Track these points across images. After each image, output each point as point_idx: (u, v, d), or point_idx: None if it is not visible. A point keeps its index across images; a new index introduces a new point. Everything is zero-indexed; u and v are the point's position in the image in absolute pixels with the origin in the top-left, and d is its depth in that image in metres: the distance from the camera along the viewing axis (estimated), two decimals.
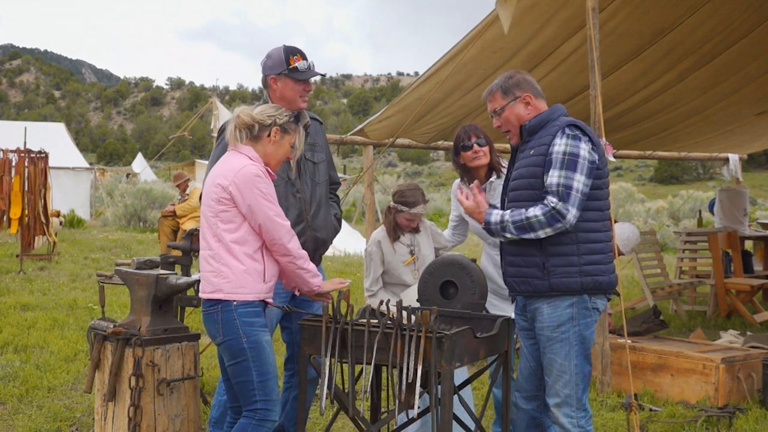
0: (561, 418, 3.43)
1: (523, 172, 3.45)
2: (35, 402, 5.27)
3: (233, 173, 3.37)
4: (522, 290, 3.47)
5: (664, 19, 6.42)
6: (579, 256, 3.37)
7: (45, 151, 12.38)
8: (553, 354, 3.42)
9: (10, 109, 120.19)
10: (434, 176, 65.65)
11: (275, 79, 3.95)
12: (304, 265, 3.50)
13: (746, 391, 5.51)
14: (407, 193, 4.50)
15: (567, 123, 3.42)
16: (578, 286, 3.38)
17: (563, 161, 3.32)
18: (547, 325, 3.42)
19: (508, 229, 3.36)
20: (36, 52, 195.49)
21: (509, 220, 3.36)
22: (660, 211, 24.74)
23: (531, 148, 3.47)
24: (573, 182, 3.30)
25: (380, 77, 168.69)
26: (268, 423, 3.39)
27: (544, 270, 3.38)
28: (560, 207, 3.27)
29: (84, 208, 22.64)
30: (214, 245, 3.40)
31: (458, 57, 6.12)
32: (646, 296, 8.77)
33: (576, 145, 3.34)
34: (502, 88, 3.59)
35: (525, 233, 3.33)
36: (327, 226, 4.10)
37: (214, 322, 3.39)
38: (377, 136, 7.79)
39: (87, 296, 9.36)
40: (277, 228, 3.38)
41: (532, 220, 3.31)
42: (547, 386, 3.47)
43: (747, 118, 9.34)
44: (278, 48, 3.98)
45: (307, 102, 4.02)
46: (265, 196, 3.37)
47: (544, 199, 3.33)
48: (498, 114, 3.59)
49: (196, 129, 54.94)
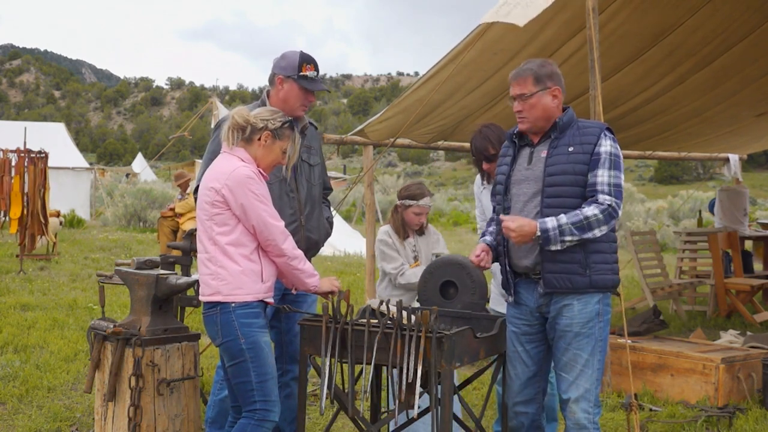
0: (579, 413, 3.42)
1: (567, 168, 3.43)
2: (35, 402, 5.27)
3: (225, 176, 3.37)
4: (561, 286, 3.43)
5: (664, 20, 6.42)
6: (611, 254, 3.47)
7: (45, 151, 12.38)
8: (579, 350, 3.42)
9: (10, 109, 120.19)
10: (434, 176, 65.68)
11: (283, 80, 3.95)
12: (299, 266, 3.50)
13: (746, 391, 5.52)
14: (412, 187, 4.60)
15: (606, 126, 3.53)
16: (611, 283, 3.47)
17: (611, 161, 3.41)
18: (576, 321, 3.42)
19: (567, 232, 3.33)
20: (36, 52, 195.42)
21: (568, 223, 3.34)
22: (660, 211, 24.74)
23: (568, 145, 3.46)
24: (620, 181, 3.43)
25: (380, 77, 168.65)
26: (267, 423, 3.40)
27: (586, 266, 3.40)
28: (615, 205, 3.37)
29: (84, 208, 22.64)
30: (210, 248, 3.41)
31: (458, 58, 6.11)
32: (646, 296, 8.77)
33: (617, 146, 3.49)
34: (535, 74, 3.51)
35: (584, 233, 3.34)
36: (320, 228, 4.11)
37: (214, 324, 3.40)
38: (377, 137, 7.79)
39: (87, 296, 9.36)
40: (270, 229, 3.39)
41: (591, 219, 3.34)
42: (566, 382, 3.46)
43: (747, 120, 9.34)
44: (296, 52, 3.99)
45: (306, 112, 4.02)
46: (258, 198, 3.37)
47: (595, 198, 3.37)
48: (524, 99, 3.51)
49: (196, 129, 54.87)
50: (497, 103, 7.48)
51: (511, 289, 3.61)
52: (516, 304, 3.63)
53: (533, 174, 3.50)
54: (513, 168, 3.61)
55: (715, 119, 9.11)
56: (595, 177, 3.39)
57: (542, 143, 3.55)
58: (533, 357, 3.59)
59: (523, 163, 3.57)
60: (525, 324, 3.59)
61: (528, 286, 3.56)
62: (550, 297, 3.48)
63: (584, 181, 3.41)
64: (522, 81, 3.52)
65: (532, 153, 3.56)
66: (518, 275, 3.60)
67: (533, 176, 3.50)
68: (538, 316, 3.55)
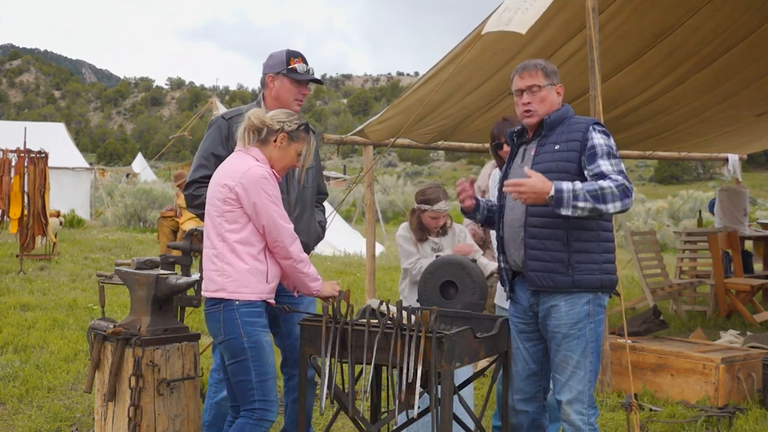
0: (572, 414, 3.42)
1: (552, 167, 3.39)
2: (35, 402, 5.27)
3: (240, 174, 3.39)
4: (543, 285, 3.42)
5: (664, 20, 6.42)
6: (600, 254, 3.41)
7: (45, 151, 12.38)
8: (569, 351, 3.41)
9: (10, 109, 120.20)
10: (434, 176, 65.64)
11: (273, 78, 3.98)
12: (305, 269, 3.52)
13: (746, 391, 5.52)
14: (428, 191, 4.61)
15: (593, 121, 3.47)
16: (598, 283, 3.41)
17: (608, 152, 3.35)
18: (564, 322, 3.41)
19: (581, 197, 3.19)
20: (36, 52, 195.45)
21: (583, 189, 3.20)
22: (660, 211, 24.74)
23: (554, 143, 3.44)
24: (622, 168, 3.33)
25: (380, 77, 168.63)
26: (265, 423, 3.41)
27: (569, 266, 3.37)
28: (628, 184, 3.25)
29: (84, 208, 22.63)
30: (219, 244, 3.42)
31: (458, 59, 6.12)
32: (646, 296, 8.77)
33: (609, 138, 3.43)
34: (545, 69, 3.51)
35: (598, 203, 3.20)
36: (310, 231, 4.10)
37: (216, 321, 3.41)
38: (377, 137, 7.79)
39: (87, 296, 9.36)
40: (280, 230, 3.40)
41: (606, 190, 3.21)
42: (559, 384, 3.46)
43: (747, 120, 9.34)
44: (281, 50, 4.03)
45: (300, 106, 4.03)
46: (271, 198, 3.39)
47: (606, 176, 3.26)
48: (534, 92, 3.48)
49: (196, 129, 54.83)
50: (497, 104, 7.49)
51: (507, 286, 3.62)
52: (513, 302, 3.65)
53: (523, 171, 3.51)
54: (510, 165, 3.63)
55: (715, 119, 9.11)
56: (599, 167, 3.31)
57: (533, 141, 3.57)
58: (533, 355, 3.60)
59: (518, 161, 3.60)
60: (522, 322, 3.60)
61: (522, 284, 3.57)
62: (538, 296, 3.48)
63: (569, 179, 3.33)
64: (533, 73, 3.50)
65: (525, 150, 3.59)
66: (516, 273, 3.61)
67: (523, 174, 3.50)
68: (532, 315, 3.55)
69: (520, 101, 3.53)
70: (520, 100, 3.53)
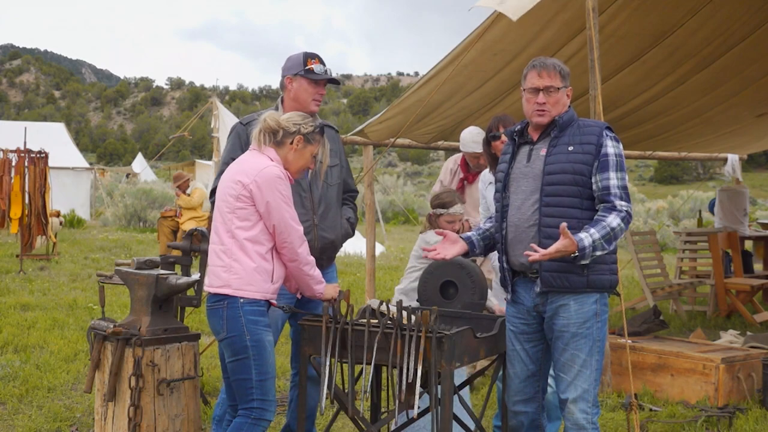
0: (577, 413, 3.42)
1: (567, 167, 3.41)
2: (35, 402, 5.27)
3: (255, 172, 3.40)
4: (557, 285, 3.42)
5: (665, 21, 6.42)
6: (609, 255, 3.45)
7: (45, 151, 12.39)
8: (577, 350, 3.42)
9: (10, 109, 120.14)
10: (434, 176, 65.54)
11: (291, 80, 4.06)
12: (310, 272, 3.53)
13: (746, 391, 5.52)
14: (443, 195, 4.66)
15: (605, 125, 3.51)
16: (608, 284, 3.46)
17: (617, 163, 3.41)
18: (573, 321, 3.42)
19: (599, 247, 3.32)
20: (36, 52, 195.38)
21: (600, 238, 3.32)
22: (660, 211, 24.73)
23: (567, 144, 3.46)
24: (626, 182, 3.45)
25: (380, 77, 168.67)
26: (263, 422, 3.41)
27: (584, 266, 3.39)
28: (629, 209, 3.39)
29: (84, 208, 22.64)
30: (227, 240, 3.42)
31: (458, 59, 6.12)
32: (646, 296, 8.77)
33: (620, 146, 3.48)
34: (562, 71, 3.52)
35: (611, 245, 3.36)
36: (336, 228, 4.13)
37: (219, 318, 3.41)
38: (377, 137, 7.80)
39: (87, 296, 9.36)
40: (290, 231, 3.42)
41: (617, 230, 3.34)
42: (564, 383, 3.46)
43: (747, 120, 9.34)
44: (299, 53, 4.11)
45: (319, 106, 4.09)
46: (284, 198, 3.41)
47: (612, 204, 3.37)
48: (551, 93, 3.48)
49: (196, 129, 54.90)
50: (497, 104, 7.48)
51: (509, 287, 3.62)
52: (514, 303, 3.63)
53: (532, 171, 3.50)
54: (512, 165, 3.60)
55: (716, 120, 9.11)
56: (607, 181, 3.38)
57: (541, 141, 3.54)
58: (532, 356, 3.59)
59: (522, 161, 3.56)
60: (522, 323, 3.58)
61: (525, 284, 3.56)
62: (546, 296, 3.47)
63: (583, 181, 3.40)
64: (552, 74, 3.49)
65: (532, 150, 3.55)
66: (516, 273, 3.60)
67: (532, 174, 3.49)
68: (535, 315, 3.54)
69: (534, 99, 3.50)
70: (534, 98, 3.50)
